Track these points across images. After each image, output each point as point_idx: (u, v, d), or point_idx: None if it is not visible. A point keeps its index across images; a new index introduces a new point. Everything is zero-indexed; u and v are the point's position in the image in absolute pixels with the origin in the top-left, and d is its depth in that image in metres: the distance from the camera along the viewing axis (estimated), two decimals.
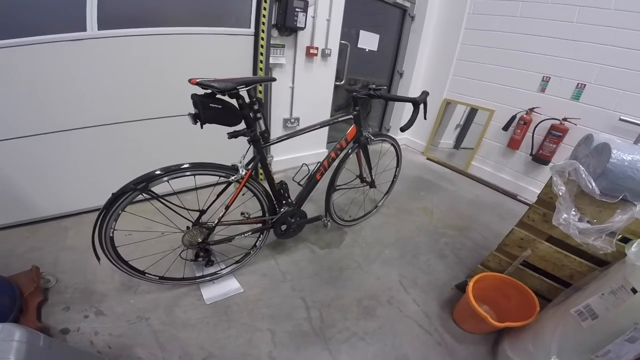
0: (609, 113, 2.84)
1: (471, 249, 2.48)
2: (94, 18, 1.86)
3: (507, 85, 3.52)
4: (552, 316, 1.45)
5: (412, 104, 1.82)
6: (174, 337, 1.54)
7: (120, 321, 1.58)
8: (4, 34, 1.67)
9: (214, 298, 1.77)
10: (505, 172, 3.72)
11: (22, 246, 1.97)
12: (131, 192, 1.34)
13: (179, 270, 1.80)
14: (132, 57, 2.07)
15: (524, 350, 1.47)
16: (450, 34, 3.90)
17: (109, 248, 1.43)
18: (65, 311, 1.59)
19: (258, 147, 1.62)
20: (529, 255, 1.65)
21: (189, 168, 1.43)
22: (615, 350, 1.15)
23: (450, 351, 1.66)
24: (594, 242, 1.31)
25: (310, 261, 2.15)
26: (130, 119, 2.24)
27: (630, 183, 1.22)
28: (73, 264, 1.88)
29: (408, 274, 2.14)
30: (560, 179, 1.40)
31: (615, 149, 1.24)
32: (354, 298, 1.89)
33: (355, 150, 2.12)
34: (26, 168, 2.01)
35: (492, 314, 1.81)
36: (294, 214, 1.97)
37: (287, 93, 3.04)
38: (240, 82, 1.38)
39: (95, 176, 2.23)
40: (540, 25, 3.15)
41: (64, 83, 1.92)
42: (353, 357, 1.56)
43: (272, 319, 1.70)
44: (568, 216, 1.34)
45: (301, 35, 2.82)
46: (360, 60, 3.80)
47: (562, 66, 3.08)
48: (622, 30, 2.69)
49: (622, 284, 1.12)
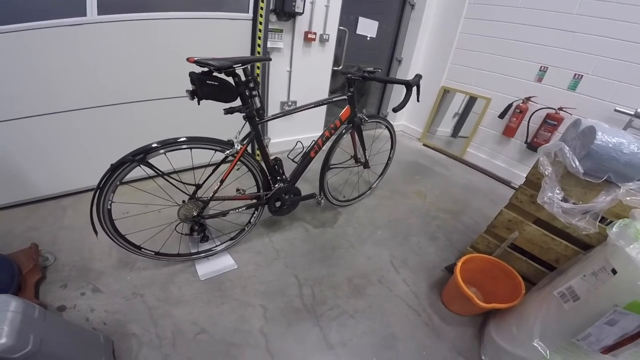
0: (605, 104, 2.85)
1: (462, 233, 2.52)
2: (94, 3, 1.88)
3: (504, 74, 3.51)
4: (535, 299, 1.48)
5: (405, 86, 1.85)
6: (167, 313, 1.58)
7: (116, 298, 1.62)
8: (6, 19, 1.69)
9: (208, 274, 1.80)
10: (500, 159, 3.74)
11: (21, 225, 2.00)
12: (129, 162, 1.36)
13: (174, 246, 1.84)
14: (131, 41, 2.09)
15: (508, 332, 1.49)
16: (450, 23, 3.87)
17: (107, 221, 1.46)
18: (62, 289, 1.62)
19: (253, 124, 1.65)
20: (517, 238, 1.68)
21: (186, 141, 1.46)
22: (595, 334, 1.16)
23: (438, 332, 1.69)
24: (578, 223, 1.34)
25: (304, 240, 2.19)
26: (130, 100, 2.27)
27: (614, 164, 1.25)
28: (71, 242, 1.91)
29: (399, 254, 2.18)
30: (547, 159, 1.42)
31: (600, 132, 1.27)
32: (345, 276, 1.93)
33: (349, 130, 2.15)
34: (27, 148, 2.04)
35: (480, 296, 1.85)
36: (288, 191, 2.01)
37: (285, 77, 3.05)
38: (236, 61, 1.42)
39: (94, 156, 2.25)
40: (540, 16, 3.13)
41: (65, 67, 1.95)
42: (342, 334, 1.60)
43: (265, 295, 1.74)
44: (552, 195, 1.38)
45: (299, 20, 2.82)
46: (359, 46, 3.79)
47: (560, 56, 3.07)
48: (621, 22, 2.69)
49: (603, 265, 1.14)
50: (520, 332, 1.42)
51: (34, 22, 1.75)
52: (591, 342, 1.18)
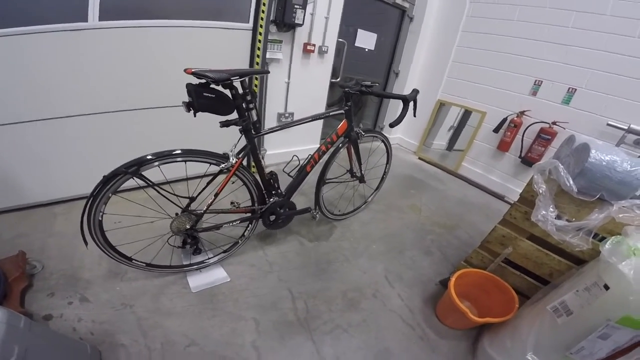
0: (597, 118, 2.90)
1: (457, 247, 2.52)
2: (96, 9, 1.88)
3: (499, 88, 3.56)
4: (529, 313, 1.48)
5: (402, 101, 1.86)
6: (157, 324, 1.55)
7: (105, 308, 1.59)
8: (6, 22, 1.68)
9: (200, 287, 1.78)
10: (495, 174, 3.77)
11: (10, 232, 1.96)
12: (122, 174, 1.35)
13: (166, 258, 1.81)
14: (131, 48, 2.09)
15: (502, 346, 1.49)
16: (448, 36, 3.94)
17: (97, 232, 1.44)
18: (49, 297, 1.59)
19: (249, 137, 1.64)
20: (511, 253, 1.69)
21: (181, 154, 1.44)
22: (588, 347, 1.17)
23: (432, 346, 1.68)
24: (571, 240, 1.35)
25: (299, 253, 2.17)
26: (127, 108, 2.26)
27: (608, 182, 1.26)
28: (60, 250, 1.88)
29: (394, 269, 2.17)
30: (541, 177, 1.44)
31: (594, 149, 1.28)
32: (339, 290, 1.92)
33: (345, 144, 2.16)
34: (19, 154, 2.01)
35: (474, 310, 1.85)
36: (283, 205, 2.00)
37: (283, 88, 3.06)
38: (234, 73, 1.41)
39: (88, 163, 2.24)
40: (536, 29, 3.20)
41: (62, 72, 1.94)
42: (336, 348, 1.57)
43: (258, 309, 1.71)
44: (546, 213, 1.38)
45: (299, 32, 2.85)
46: (357, 58, 3.83)
47: (555, 70, 3.13)
48: (615, 35, 2.74)
49: (595, 281, 1.15)
50: (514, 346, 1.42)
51: (33, 26, 1.74)
52: (584, 356, 1.19)
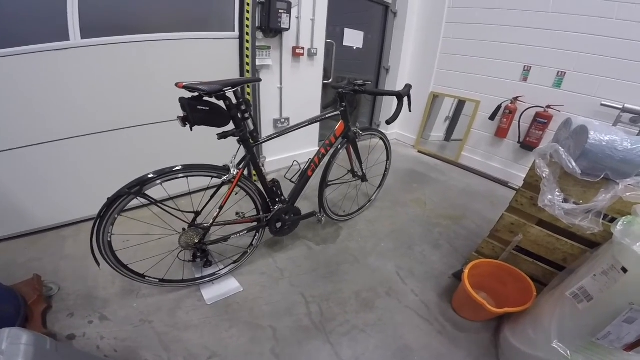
0: (591, 99, 2.91)
1: (465, 238, 2.52)
2: (77, 27, 1.86)
3: (490, 76, 3.58)
4: (548, 300, 1.45)
5: (396, 97, 1.87)
6: (177, 338, 1.56)
7: (125, 325, 1.60)
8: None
9: (214, 298, 1.78)
10: (495, 161, 3.78)
11: (23, 256, 1.98)
12: (126, 196, 1.35)
13: (178, 272, 1.83)
14: (118, 64, 2.08)
15: (525, 336, 1.47)
16: (433, 28, 3.95)
17: (108, 252, 1.44)
18: (69, 317, 1.60)
19: (248, 147, 1.65)
20: (522, 241, 1.67)
21: (182, 170, 1.45)
22: (615, 332, 1.13)
23: (452, 340, 1.67)
24: (581, 223, 1.35)
25: (308, 257, 2.17)
26: (122, 126, 2.25)
27: (610, 162, 1.26)
28: (74, 271, 1.89)
29: (404, 265, 2.17)
30: (543, 161, 1.43)
31: (593, 130, 1.29)
32: (352, 291, 1.92)
33: (344, 145, 2.16)
34: (22, 179, 2.01)
35: (491, 301, 1.83)
36: (288, 211, 2.00)
37: (276, 94, 3.07)
38: (226, 84, 1.41)
39: (91, 184, 2.23)
40: (518, 16, 3.22)
41: (53, 93, 1.93)
42: (355, 349, 1.57)
43: (273, 316, 1.72)
44: (553, 197, 1.38)
45: (286, 36, 2.85)
46: (347, 58, 3.84)
47: (542, 55, 3.15)
48: (596, 18, 2.77)
49: (612, 264, 1.12)
50: (537, 335, 1.40)
51: (15, 47, 1.73)
52: (612, 341, 1.15)
